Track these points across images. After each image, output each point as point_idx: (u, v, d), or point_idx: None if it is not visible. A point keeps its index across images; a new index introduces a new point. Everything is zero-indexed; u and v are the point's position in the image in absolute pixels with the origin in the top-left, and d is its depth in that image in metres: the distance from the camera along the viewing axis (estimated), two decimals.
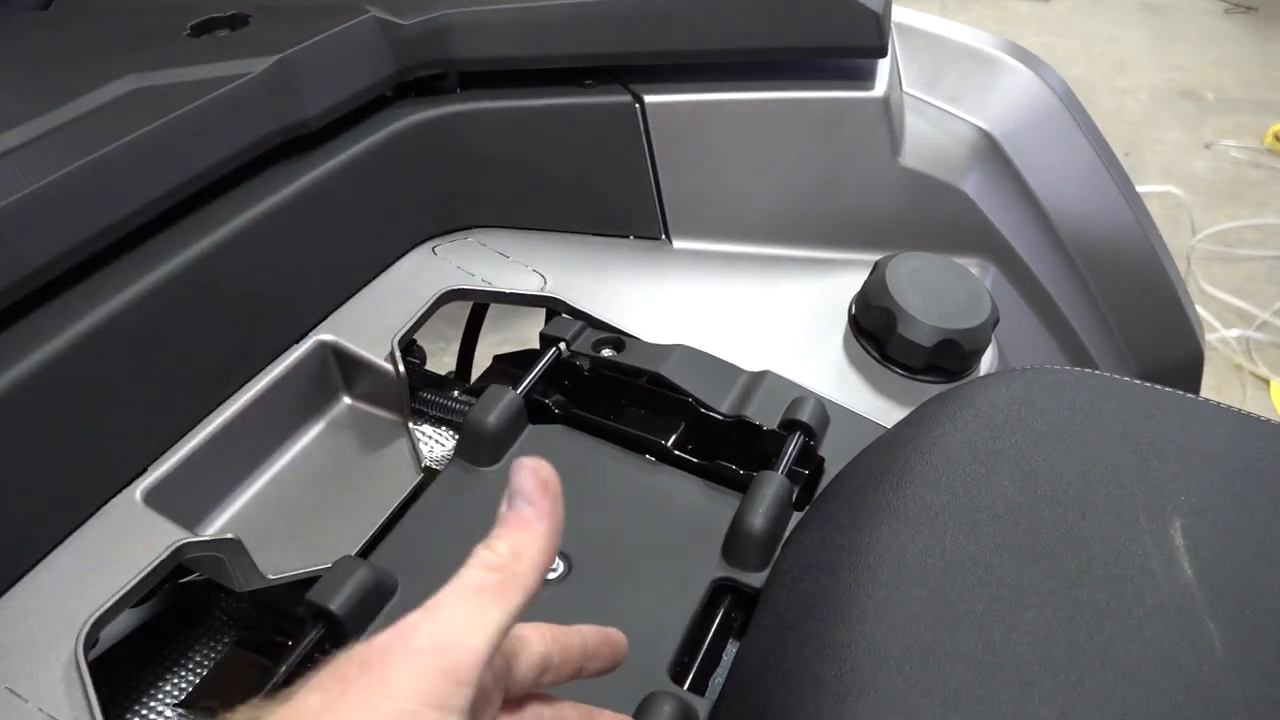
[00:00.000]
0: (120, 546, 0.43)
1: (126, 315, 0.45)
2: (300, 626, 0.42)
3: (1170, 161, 2.57)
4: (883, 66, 0.68)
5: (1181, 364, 0.81)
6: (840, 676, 0.34)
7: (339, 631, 0.42)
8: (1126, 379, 0.46)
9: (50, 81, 0.51)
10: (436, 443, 0.57)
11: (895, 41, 0.74)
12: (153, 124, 0.47)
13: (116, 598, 0.40)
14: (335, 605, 0.41)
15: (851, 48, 0.65)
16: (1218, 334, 1.97)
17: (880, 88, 0.66)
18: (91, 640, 0.39)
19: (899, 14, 0.76)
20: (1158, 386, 0.46)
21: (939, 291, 0.62)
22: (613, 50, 0.63)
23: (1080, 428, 0.43)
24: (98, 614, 0.39)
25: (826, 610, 0.37)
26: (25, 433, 0.41)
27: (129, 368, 0.46)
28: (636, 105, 0.64)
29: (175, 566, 0.43)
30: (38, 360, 0.42)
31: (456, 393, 0.59)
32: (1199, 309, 1.06)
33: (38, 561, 0.42)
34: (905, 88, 0.75)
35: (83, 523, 0.43)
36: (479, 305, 0.80)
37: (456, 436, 0.57)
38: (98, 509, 0.44)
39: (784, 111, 0.65)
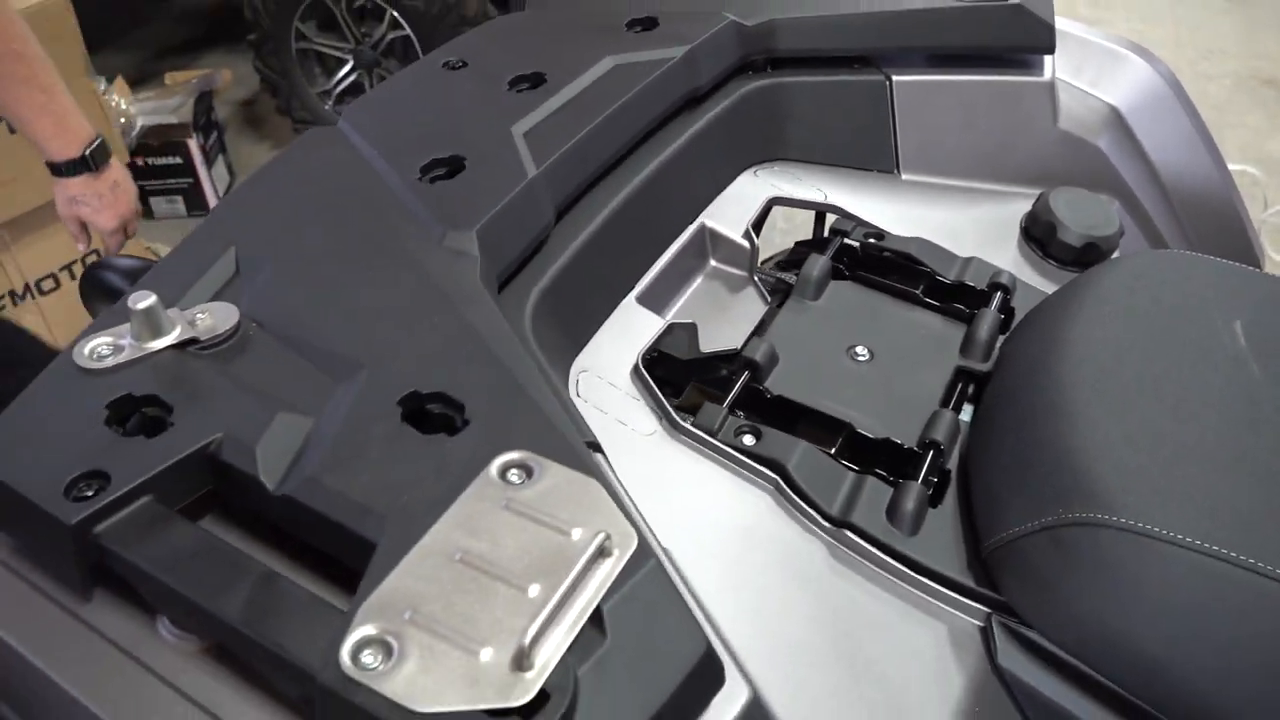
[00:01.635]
0: (635, 319, 0.77)
1: (622, 208, 0.79)
2: (728, 372, 0.76)
3: (1249, 143, 2.81)
4: (1049, 60, 0.99)
5: None
6: (1057, 390, 0.66)
7: (759, 374, 0.75)
8: (1213, 257, 0.78)
9: (564, 55, 0.85)
10: None
11: None
12: (633, 90, 0.81)
13: (650, 343, 0.75)
14: (758, 356, 0.75)
15: (1031, 47, 0.97)
16: None
17: (1048, 75, 0.98)
18: (645, 362, 0.73)
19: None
20: (1235, 263, 0.78)
21: (1085, 212, 0.93)
22: (873, 45, 0.96)
23: (1185, 277, 0.75)
24: (643, 349, 0.74)
25: (1040, 367, 0.69)
26: (597, 263, 0.76)
27: (629, 230, 0.80)
28: (887, 82, 0.96)
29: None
30: (591, 229, 0.76)
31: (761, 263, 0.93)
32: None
33: (603, 323, 0.76)
34: (1059, 74, 1.06)
35: (615, 307, 0.78)
36: (765, 209, 1.14)
37: (769, 288, 0.91)
38: (620, 302, 0.78)
39: (983, 89, 0.97)
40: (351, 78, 2.67)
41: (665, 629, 0.43)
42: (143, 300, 0.54)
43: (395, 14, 2.48)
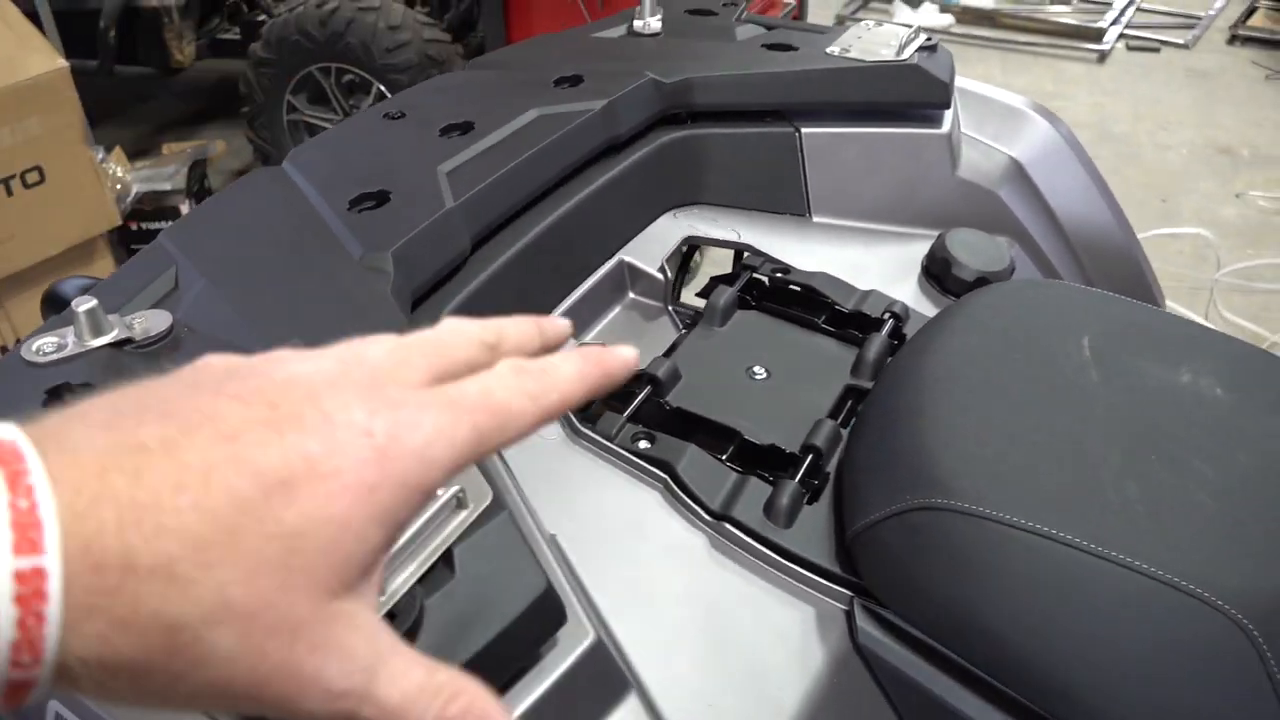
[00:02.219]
0: None
1: (539, 239, 0.87)
2: (634, 385, 0.83)
3: (1202, 208, 2.92)
4: (948, 114, 1.09)
5: None
6: (916, 394, 0.73)
7: (660, 389, 0.82)
8: (1077, 285, 0.86)
9: (494, 107, 0.94)
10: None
11: (957, 99, 1.15)
12: (551, 137, 0.90)
13: None
14: (660, 373, 0.82)
15: (929, 102, 1.06)
16: None
17: (946, 128, 1.07)
18: None
19: (962, 81, 1.16)
20: (1097, 290, 0.85)
21: (978, 250, 1.01)
22: (783, 101, 1.05)
23: (1045, 301, 0.83)
24: None
25: (906, 376, 0.77)
26: (512, 288, 0.83)
27: (546, 260, 0.88)
28: (796, 134, 1.05)
29: None
30: (506, 256, 0.84)
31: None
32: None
33: None
34: (962, 129, 1.16)
35: None
36: (691, 248, 1.22)
37: (686, 322, 0.98)
38: None
39: (885, 140, 1.06)
40: None
41: (509, 570, 0.50)
42: (85, 303, 0.62)
43: (381, 87, 2.62)
